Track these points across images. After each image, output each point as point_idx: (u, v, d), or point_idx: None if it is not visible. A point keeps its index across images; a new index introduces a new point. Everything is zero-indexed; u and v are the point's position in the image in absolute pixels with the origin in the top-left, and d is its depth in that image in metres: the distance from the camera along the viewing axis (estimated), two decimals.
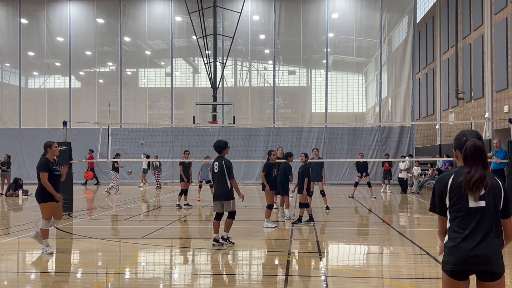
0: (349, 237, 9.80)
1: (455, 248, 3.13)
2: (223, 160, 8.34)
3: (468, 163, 3.11)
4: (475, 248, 3.07)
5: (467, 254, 3.09)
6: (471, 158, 3.11)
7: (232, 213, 8.38)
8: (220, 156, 8.44)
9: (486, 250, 3.07)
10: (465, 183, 3.06)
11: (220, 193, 8.29)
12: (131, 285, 6.35)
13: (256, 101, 28.57)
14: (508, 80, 18.40)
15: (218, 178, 8.31)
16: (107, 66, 29.45)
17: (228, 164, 8.30)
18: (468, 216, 3.10)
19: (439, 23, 27.08)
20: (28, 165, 27.13)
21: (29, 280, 6.64)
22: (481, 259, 3.08)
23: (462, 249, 3.10)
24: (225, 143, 8.54)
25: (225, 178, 8.25)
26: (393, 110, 27.07)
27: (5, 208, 15.44)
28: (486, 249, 3.07)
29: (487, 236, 3.08)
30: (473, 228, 3.07)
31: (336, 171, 25.85)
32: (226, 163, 8.30)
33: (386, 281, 6.33)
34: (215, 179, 8.43)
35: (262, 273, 7.01)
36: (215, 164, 8.38)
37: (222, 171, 8.26)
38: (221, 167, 8.27)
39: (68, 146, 13.86)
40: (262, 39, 28.11)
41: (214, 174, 8.43)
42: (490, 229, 3.09)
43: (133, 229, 10.70)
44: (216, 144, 8.52)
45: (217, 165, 8.33)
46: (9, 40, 28.51)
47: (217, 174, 8.32)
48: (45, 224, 7.94)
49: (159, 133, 26.02)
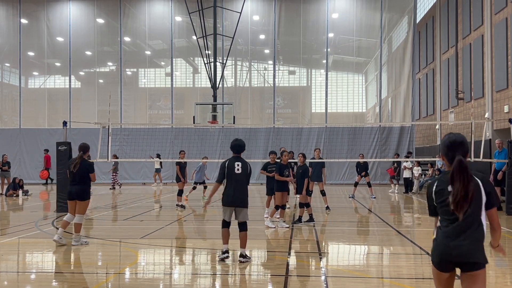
0: (349, 237, 9.80)
1: (439, 242, 3.50)
2: (247, 163, 7.45)
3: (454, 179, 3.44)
4: (456, 242, 3.41)
5: (449, 247, 3.43)
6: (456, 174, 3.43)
7: (245, 224, 7.43)
8: (240, 157, 7.50)
9: (465, 243, 3.39)
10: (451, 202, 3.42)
11: (239, 198, 7.30)
12: (131, 285, 6.35)
13: (256, 101, 28.57)
14: (508, 80, 18.39)
15: (240, 182, 7.33)
16: (107, 66, 29.45)
17: (250, 168, 7.45)
18: (452, 216, 3.46)
19: (439, 23, 27.08)
20: (28, 165, 27.15)
21: (29, 280, 6.64)
22: (461, 251, 3.40)
23: (445, 244, 3.45)
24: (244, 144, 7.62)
25: (246, 183, 7.40)
26: (393, 110, 27.06)
27: (5, 208, 15.44)
28: (465, 242, 3.39)
29: (467, 230, 3.41)
30: (456, 225, 3.44)
31: (336, 171, 25.84)
32: (250, 166, 7.43)
33: (386, 281, 6.33)
34: (235, 182, 7.32)
35: (262, 273, 7.01)
36: (237, 165, 7.34)
37: (246, 174, 7.35)
38: (245, 169, 7.36)
39: (68, 146, 13.86)
40: (262, 39, 28.11)
41: (233, 175, 7.32)
42: (472, 224, 3.42)
43: (133, 229, 10.70)
44: (238, 143, 7.52)
45: (241, 166, 7.35)
46: (9, 40, 28.51)
47: (240, 176, 7.33)
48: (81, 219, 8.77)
49: (159, 133, 26.00)
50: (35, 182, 26.34)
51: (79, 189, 8.68)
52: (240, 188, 7.30)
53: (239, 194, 7.28)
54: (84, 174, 8.69)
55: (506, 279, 6.47)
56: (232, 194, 7.28)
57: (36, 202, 17.04)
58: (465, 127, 20.62)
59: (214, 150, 25.13)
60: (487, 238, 3.53)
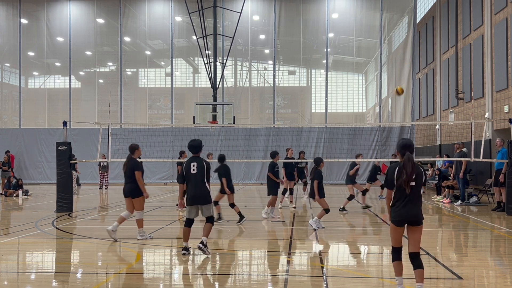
0: (349, 237, 9.80)
1: (398, 210, 5.39)
2: (203, 160, 7.77)
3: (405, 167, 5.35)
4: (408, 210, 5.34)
5: (405, 213, 5.36)
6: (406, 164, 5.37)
7: (211, 217, 7.89)
8: (197, 156, 7.86)
9: (414, 210, 5.35)
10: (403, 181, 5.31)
11: (200, 196, 7.69)
12: (131, 285, 6.35)
13: (256, 101, 28.57)
14: (508, 80, 18.39)
15: (197, 180, 7.69)
16: (107, 66, 29.45)
17: (208, 166, 7.77)
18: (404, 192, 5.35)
19: (439, 23, 27.07)
20: (28, 165, 27.16)
21: (29, 280, 6.64)
22: (411, 215, 5.36)
23: (402, 211, 5.36)
24: (201, 142, 7.99)
25: (204, 180, 7.70)
26: (393, 110, 27.06)
27: (5, 208, 15.44)
28: (414, 210, 5.35)
29: (414, 200, 5.36)
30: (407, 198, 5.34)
31: (336, 171, 25.84)
32: (207, 164, 7.76)
33: (386, 281, 6.33)
34: (192, 181, 7.72)
35: (262, 273, 7.01)
36: (192, 165, 7.70)
37: (201, 172, 7.68)
38: (200, 168, 7.68)
39: (68, 146, 13.85)
40: (262, 39, 28.11)
41: (190, 175, 7.72)
42: (416, 196, 5.38)
43: (133, 229, 10.70)
44: (192, 143, 7.90)
45: (196, 165, 7.70)
46: (9, 40, 28.51)
47: (196, 175, 7.68)
48: (141, 215, 9.30)
49: (159, 133, 26.02)
50: (35, 182, 26.36)
51: (130, 187, 9.17)
52: (198, 187, 7.66)
53: (199, 192, 7.66)
54: (132, 173, 9.12)
55: (506, 279, 6.47)
56: (193, 194, 7.70)
57: (36, 202, 17.04)
58: (465, 127, 20.61)
59: (214, 150, 24.97)
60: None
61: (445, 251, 8.41)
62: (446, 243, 9.47)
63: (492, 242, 9.54)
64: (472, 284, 6.17)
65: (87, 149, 25.22)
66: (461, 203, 15.32)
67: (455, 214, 13.28)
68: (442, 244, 9.37)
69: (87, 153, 24.61)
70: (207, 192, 7.71)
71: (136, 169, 9.13)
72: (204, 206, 7.75)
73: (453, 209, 14.48)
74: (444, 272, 6.74)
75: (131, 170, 9.14)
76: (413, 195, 5.34)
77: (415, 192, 5.36)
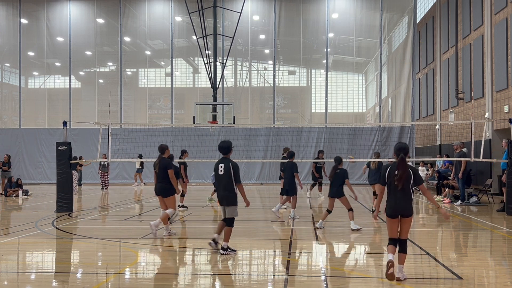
0: (349, 237, 9.80)
1: (391, 205, 6.31)
2: (229, 162, 7.79)
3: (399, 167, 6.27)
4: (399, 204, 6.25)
5: (397, 205, 6.26)
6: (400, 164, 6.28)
7: (231, 220, 7.85)
8: (226, 158, 7.89)
9: (403, 205, 6.24)
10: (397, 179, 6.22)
11: (224, 197, 7.78)
12: (131, 285, 6.35)
13: (256, 101, 28.57)
14: (508, 80, 18.39)
15: (224, 181, 7.75)
16: (107, 66, 29.45)
17: (235, 167, 7.76)
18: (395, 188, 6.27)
19: (439, 23, 27.07)
20: (28, 165, 27.17)
21: (29, 280, 6.64)
22: (402, 208, 6.25)
23: (395, 205, 6.28)
24: (231, 144, 8.00)
25: (232, 182, 7.73)
26: (393, 110, 27.06)
27: (5, 208, 15.44)
28: (403, 204, 6.24)
29: (404, 197, 6.25)
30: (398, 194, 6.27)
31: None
32: (234, 165, 7.76)
33: (386, 281, 6.33)
34: (219, 182, 7.85)
35: (262, 273, 7.01)
36: (220, 166, 7.79)
37: (228, 174, 7.72)
38: (227, 169, 7.72)
39: (68, 146, 13.85)
40: (262, 39, 28.11)
41: (219, 177, 7.83)
42: (406, 193, 6.25)
43: (133, 229, 10.70)
44: (222, 144, 7.96)
45: (223, 167, 7.76)
46: (9, 40, 28.51)
47: (223, 177, 7.76)
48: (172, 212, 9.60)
49: (159, 133, 26.02)
50: (35, 182, 26.36)
51: (162, 187, 9.45)
52: (224, 188, 7.75)
53: (224, 194, 7.77)
54: (164, 173, 9.39)
55: (506, 279, 6.47)
56: (220, 195, 7.87)
57: (36, 202, 17.04)
58: (465, 127, 20.61)
59: (214, 150, 25.03)
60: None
61: (445, 251, 8.41)
62: (446, 243, 9.47)
63: (492, 242, 9.54)
64: (472, 284, 6.17)
65: (87, 149, 25.22)
66: (461, 203, 15.32)
67: (455, 214, 13.28)
68: (442, 244, 9.37)
69: (87, 153, 24.61)
70: (232, 193, 7.73)
71: (169, 168, 9.42)
72: (228, 207, 7.80)
73: (453, 209, 14.48)
74: (444, 272, 6.74)
75: (164, 169, 9.39)
76: (403, 191, 6.24)
77: (405, 188, 6.23)
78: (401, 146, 6.45)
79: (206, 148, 23.70)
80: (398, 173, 6.19)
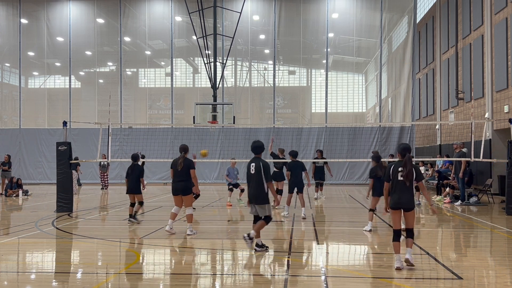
0: (349, 237, 9.80)
1: (395, 199, 6.90)
2: (260, 161, 7.99)
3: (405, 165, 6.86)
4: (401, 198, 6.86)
5: (399, 199, 6.86)
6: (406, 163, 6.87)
7: (268, 217, 8.01)
8: (257, 157, 8.10)
9: (405, 199, 6.85)
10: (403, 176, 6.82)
11: (254, 196, 7.97)
12: (131, 285, 6.35)
13: (256, 101, 28.57)
14: (508, 80, 18.39)
15: (254, 180, 7.96)
16: (107, 66, 29.45)
17: (266, 166, 7.96)
18: (398, 183, 6.89)
19: (439, 23, 27.07)
20: (28, 165, 27.17)
21: (29, 280, 6.64)
22: (404, 202, 6.86)
23: (398, 199, 6.87)
24: (263, 144, 8.22)
25: (262, 181, 7.90)
26: (393, 110, 27.06)
27: (5, 208, 15.44)
28: (405, 198, 6.85)
29: (406, 192, 6.86)
30: (401, 190, 6.87)
31: (336, 171, 25.82)
32: (264, 164, 7.96)
33: (386, 281, 6.33)
34: (250, 181, 8.06)
35: (262, 273, 7.01)
36: (251, 165, 8.02)
37: (258, 173, 7.91)
38: (258, 168, 7.92)
39: (68, 146, 13.86)
40: (262, 39, 28.11)
41: (249, 175, 8.05)
42: (408, 188, 6.86)
43: (133, 229, 10.70)
44: (254, 144, 8.17)
45: (254, 166, 7.98)
46: (9, 40, 28.51)
47: (254, 176, 7.97)
48: (191, 210, 9.81)
49: (159, 133, 26.02)
50: (35, 182, 26.36)
51: (183, 185, 9.68)
52: (254, 187, 7.95)
53: (254, 192, 7.97)
54: (186, 172, 9.67)
55: (506, 279, 6.47)
56: (250, 193, 8.06)
57: (36, 202, 17.04)
58: (465, 127, 20.61)
59: (214, 150, 25.14)
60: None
61: (445, 251, 8.41)
62: (446, 243, 9.47)
63: (492, 242, 9.54)
64: (472, 284, 6.17)
65: (87, 149, 25.22)
66: (461, 203, 15.32)
67: (455, 214, 13.28)
68: (442, 244, 9.37)
69: (87, 153, 24.60)
70: (262, 192, 7.91)
71: (192, 167, 9.73)
72: (258, 206, 7.97)
73: (453, 209, 14.48)
74: (444, 272, 6.74)
75: (187, 168, 9.64)
76: (405, 187, 6.85)
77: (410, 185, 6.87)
78: (406, 147, 7.04)
79: (206, 148, 23.67)
80: (404, 170, 6.80)
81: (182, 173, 9.64)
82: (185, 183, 9.67)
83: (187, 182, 9.68)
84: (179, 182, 9.69)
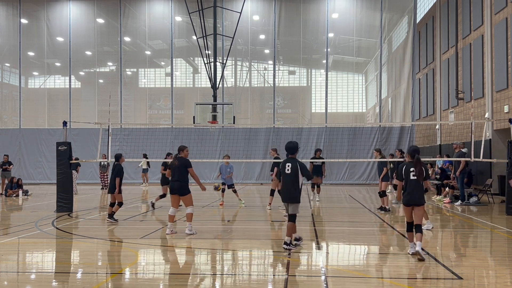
0: (349, 237, 9.80)
1: (407, 196, 7.68)
2: (297, 161, 8.21)
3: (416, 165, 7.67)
4: (412, 195, 7.63)
5: (411, 196, 7.63)
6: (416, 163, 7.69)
7: (293, 216, 8.27)
8: (293, 158, 8.31)
9: (416, 196, 7.62)
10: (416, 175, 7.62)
11: (289, 195, 8.23)
12: (131, 285, 6.35)
13: (256, 101, 28.57)
14: (508, 80, 18.38)
15: (289, 180, 8.20)
16: (107, 66, 29.46)
17: (303, 166, 8.22)
18: (410, 182, 7.67)
19: (439, 23, 27.06)
20: (28, 165, 27.17)
21: (29, 280, 6.64)
22: (414, 199, 7.62)
23: (409, 196, 7.65)
24: (297, 144, 8.47)
25: (297, 181, 8.16)
26: (393, 110, 27.06)
27: (5, 208, 15.44)
28: (416, 195, 7.62)
29: (416, 190, 7.61)
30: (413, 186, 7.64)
31: (336, 171, 25.85)
32: (301, 164, 8.21)
33: (386, 281, 6.33)
34: (285, 180, 8.28)
35: (262, 273, 7.01)
36: (287, 165, 8.22)
37: (295, 173, 8.14)
38: (294, 168, 8.15)
39: (68, 146, 13.86)
40: (262, 39, 28.11)
41: (285, 175, 8.26)
42: (420, 185, 7.64)
43: (133, 229, 10.71)
44: (288, 145, 8.39)
45: (290, 166, 8.20)
46: (9, 40, 28.51)
47: (289, 176, 8.20)
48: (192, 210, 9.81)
49: (159, 133, 26.03)
50: (35, 182, 26.36)
51: (179, 185, 9.68)
52: (289, 186, 8.21)
53: (288, 191, 8.25)
54: (183, 171, 9.65)
55: (506, 279, 6.47)
56: (285, 192, 8.32)
57: (36, 202, 17.04)
58: (465, 127, 20.61)
59: (214, 150, 25.15)
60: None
61: (445, 251, 8.41)
62: (446, 243, 9.46)
63: (492, 242, 9.54)
64: (472, 284, 6.16)
65: (87, 149, 25.23)
66: (461, 203, 15.32)
67: (455, 214, 13.28)
68: (442, 244, 9.37)
69: (87, 153, 24.62)
70: (296, 192, 8.20)
71: (188, 166, 9.74)
72: (291, 205, 8.25)
73: (453, 209, 14.48)
74: (444, 272, 6.74)
75: (184, 168, 9.65)
76: (418, 185, 7.61)
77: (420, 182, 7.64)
78: (415, 149, 7.87)
79: (206, 148, 23.73)
80: (416, 170, 7.59)
81: (178, 172, 9.67)
82: (181, 183, 9.67)
83: (183, 183, 9.67)
84: (175, 181, 9.73)
